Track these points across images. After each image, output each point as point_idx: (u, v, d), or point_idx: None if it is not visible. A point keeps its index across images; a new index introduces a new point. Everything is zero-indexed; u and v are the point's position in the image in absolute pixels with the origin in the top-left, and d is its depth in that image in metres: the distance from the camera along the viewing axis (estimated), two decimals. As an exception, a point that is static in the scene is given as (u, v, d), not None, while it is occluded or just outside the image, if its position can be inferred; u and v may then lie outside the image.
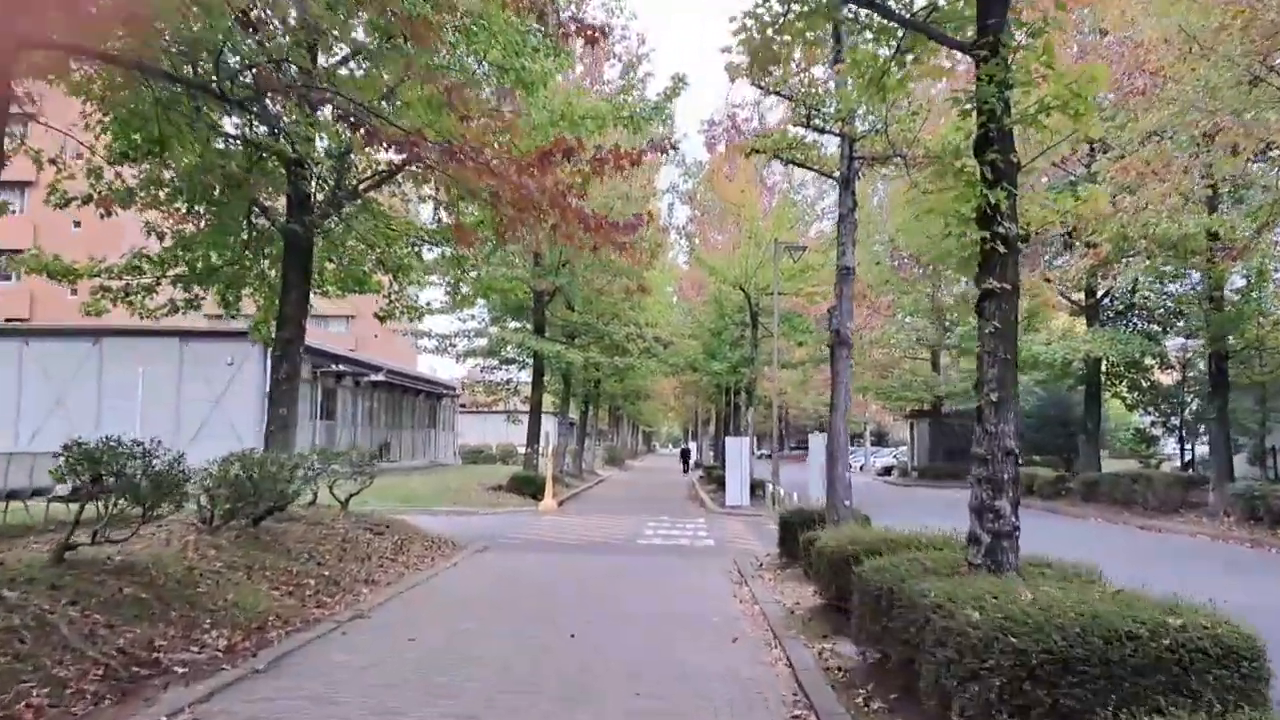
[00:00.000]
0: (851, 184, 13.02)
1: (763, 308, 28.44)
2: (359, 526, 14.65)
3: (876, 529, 11.39)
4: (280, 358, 13.94)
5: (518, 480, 26.57)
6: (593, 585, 12.10)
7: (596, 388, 38.93)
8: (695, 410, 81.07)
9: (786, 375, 49.19)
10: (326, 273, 17.05)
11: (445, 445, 49.49)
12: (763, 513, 24.76)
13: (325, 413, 32.06)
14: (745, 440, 26.06)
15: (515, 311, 28.44)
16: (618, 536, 18.54)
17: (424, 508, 23.50)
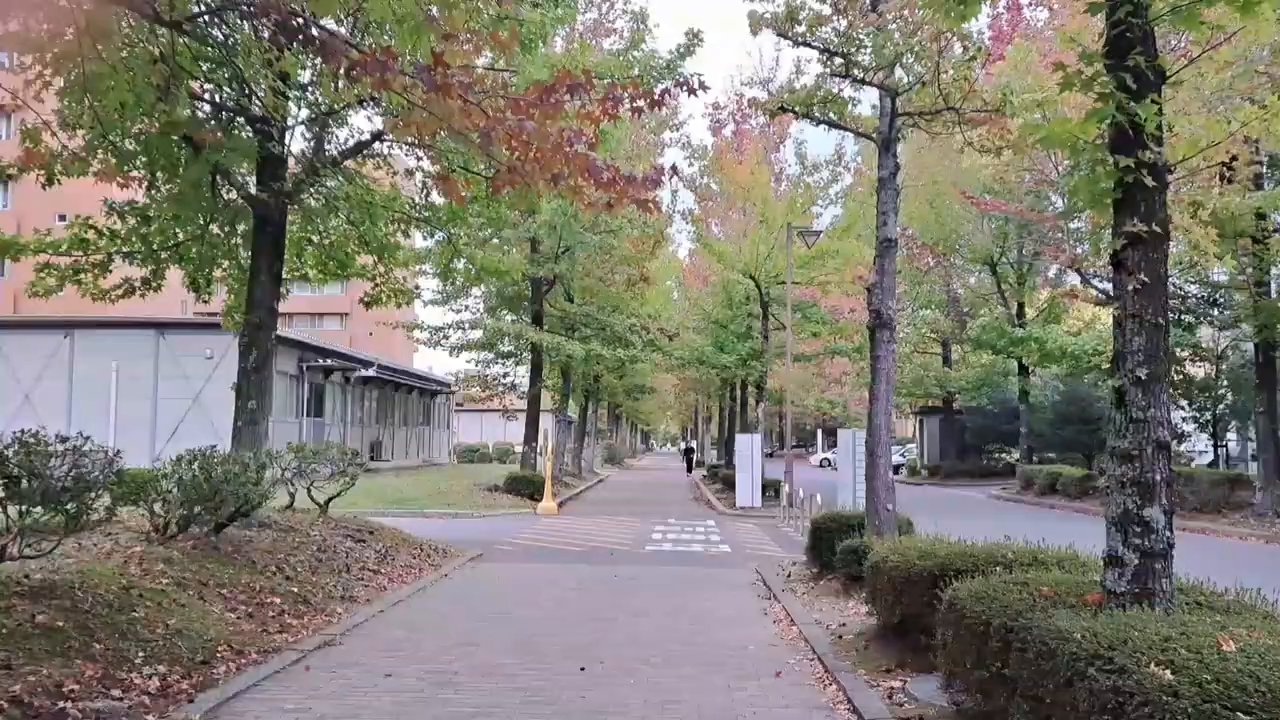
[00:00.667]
0: (893, 145, 11.55)
1: (773, 297, 26.94)
2: (339, 533, 13.14)
3: (924, 538, 9.92)
4: (249, 345, 12.43)
5: (515, 480, 25.07)
6: (601, 603, 10.60)
7: (596, 383, 37.41)
8: (695, 408, 79.66)
9: (794, 370, 47.96)
10: (306, 255, 15.56)
11: (440, 444, 47.97)
12: (776, 514, 23.29)
13: (313, 410, 30.53)
14: (756, 438, 24.59)
15: (511, 303, 26.94)
16: (624, 542, 17.05)
17: (415, 510, 22.01)
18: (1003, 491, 33.57)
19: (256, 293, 12.47)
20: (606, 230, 24.45)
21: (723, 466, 38.00)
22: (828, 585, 11.14)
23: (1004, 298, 34.74)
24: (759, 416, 26.21)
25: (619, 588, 11.73)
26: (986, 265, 34.34)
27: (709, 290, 30.46)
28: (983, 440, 44.75)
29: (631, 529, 19.39)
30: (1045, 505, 28.37)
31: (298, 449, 14.65)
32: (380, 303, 15.56)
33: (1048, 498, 29.60)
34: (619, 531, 18.85)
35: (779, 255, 25.55)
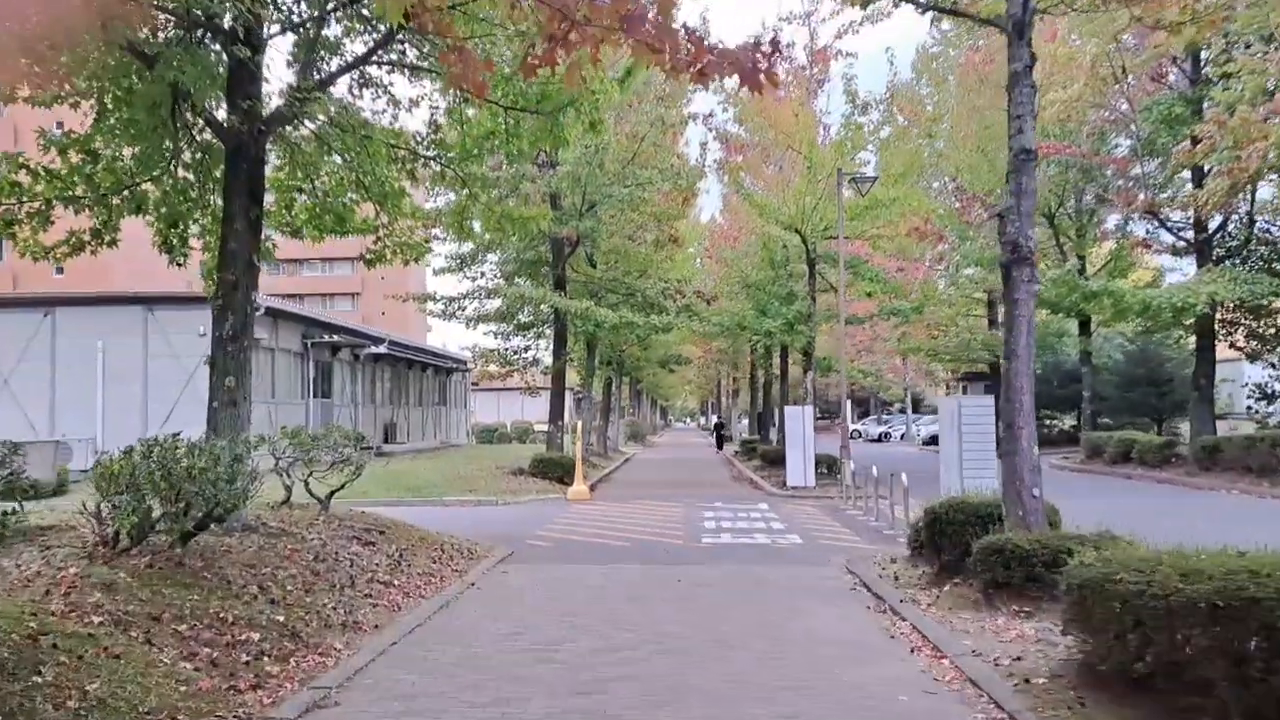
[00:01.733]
0: (1027, 31, 9.09)
1: (819, 254, 24.43)
2: (343, 535, 10.87)
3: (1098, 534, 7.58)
4: (223, 309, 10.12)
5: (542, 463, 22.79)
6: (670, 624, 8.28)
7: (620, 357, 34.90)
8: (718, 381, 77.16)
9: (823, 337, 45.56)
10: (297, 207, 13.21)
11: (457, 424, 45.81)
12: (833, 495, 20.96)
13: (321, 390, 28.32)
14: (807, 410, 22.19)
15: (532, 268, 24.55)
16: (673, 531, 14.75)
17: (433, 498, 19.83)
18: (1065, 461, 31.10)
19: (231, 243, 10.14)
20: (635, 183, 22.00)
21: (759, 441, 35.69)
22: (957, 593, 8.79)
23: (1062, 251, 32.11)
24: (807, 386, 23.77)
25: (685, 598, 9.42)
26: (1044, 217, 31.67)
27: (745, 250, 27.93)
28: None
29: (677, 516, 17.09)
30: (1120, 475, 25.93)
31: (294, 434, 12.39)
32: (384, 260, 13.23)
33: (1120, 467, 27.12)
34: (664, 519, 16.54)
35: (827, 206, 23.05)
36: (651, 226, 24.68)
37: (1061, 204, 31.45)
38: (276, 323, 25.06)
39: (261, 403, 23.95)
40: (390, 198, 12.53)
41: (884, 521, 15.56)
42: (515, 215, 12.54)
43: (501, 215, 12.58)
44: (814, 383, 23.86)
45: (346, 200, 13.01)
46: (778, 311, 23.94)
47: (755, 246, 28.37)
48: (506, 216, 12.55)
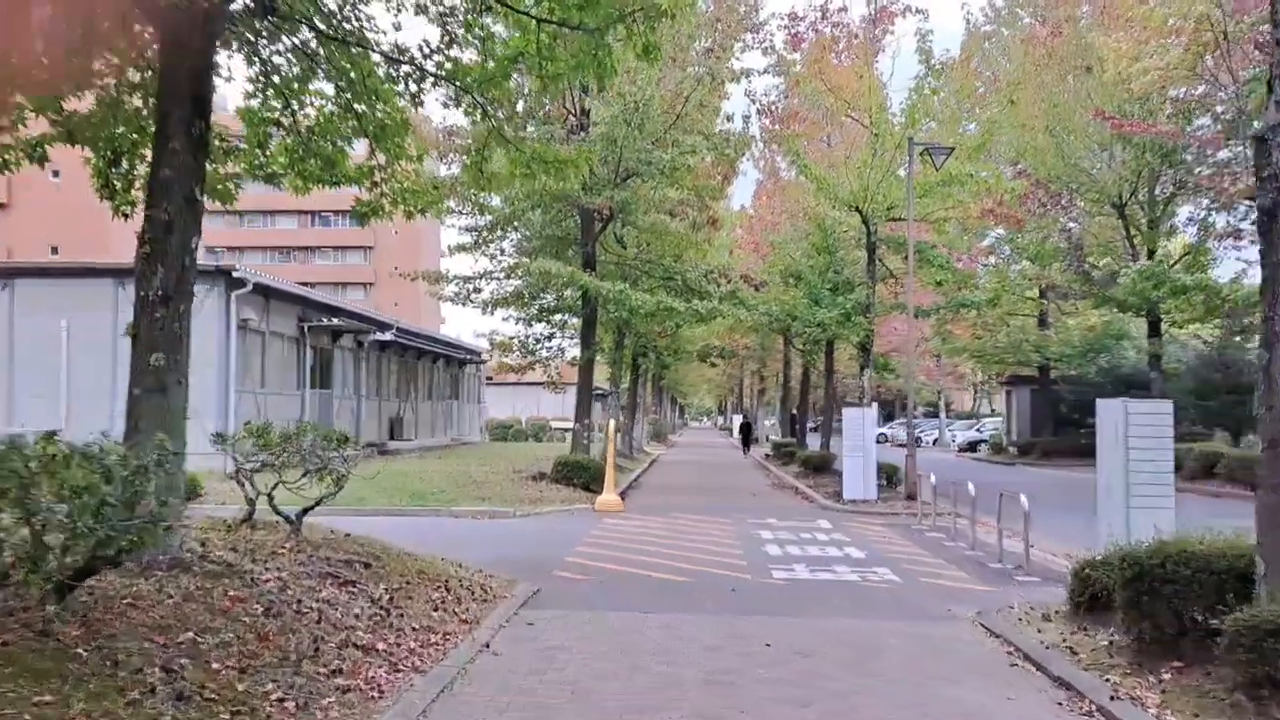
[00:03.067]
0: None
1: (880, 237, 21.60)
2: (313, 570, 8.16)
3: None
4: (150, 260, 7.43)
5: (566, 467, 20.03)
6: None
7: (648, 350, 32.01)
8: (740, 378, 74.20)
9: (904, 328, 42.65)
10: (275, 146, 10.49)
11: (470, 420, 43.12)
12: (898, 509, 18.22)
13: (319, 380, 25.64)
14: (869, 412, 19.40)
15: (558, 245, 21.78)
16: (732, 558, 12.00)
17: (440, 507, 17.15)
18: (1132, 474, 28.18)
19: (164, 169, 7.48)
20: (679, 150, 19.21)
21: (795, 445, 32.89)
22: (1193, 686, 6.00)
23: (1132, 244, 29.20)
24: (864, 386, 20.96)
25: (789, 680, 6.66)
26: (1113, 206, 28.77)
27: (791, 235, 25.09)
28: (1082, 414, 39.26)
29: (729, 536, 14.34)
30: (1206, 493, 23.03)
31: (259, 432, 9.71)
32: (380, 214, 10.51)
33: (1202, 482, 24.21)
34: (716, 540, 13.78)
35: (891, 183, 20.26)
36: (694, 202, 21.89)
37: (1134, 193, 28.52)
38: (268, 302, 22.39)
39: (249, 393, 21.32)
40: (390, 133, 9.82)
41: (983, 551, 12.80)
42: (549, 157, 9.77)
43: (531, 156, 9.82)
44: (871, 382, 21.03)
45: (337, 141, 10.32)
46: (832, 301, 21.12)
47: (800, 232, 25.59)
48: (538, 158, 9.78)
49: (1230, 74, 21.76)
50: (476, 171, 10.20)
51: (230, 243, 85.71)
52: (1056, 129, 27.52)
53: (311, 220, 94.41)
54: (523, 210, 20.87)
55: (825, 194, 20.34)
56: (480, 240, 22.95)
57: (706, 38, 19.08)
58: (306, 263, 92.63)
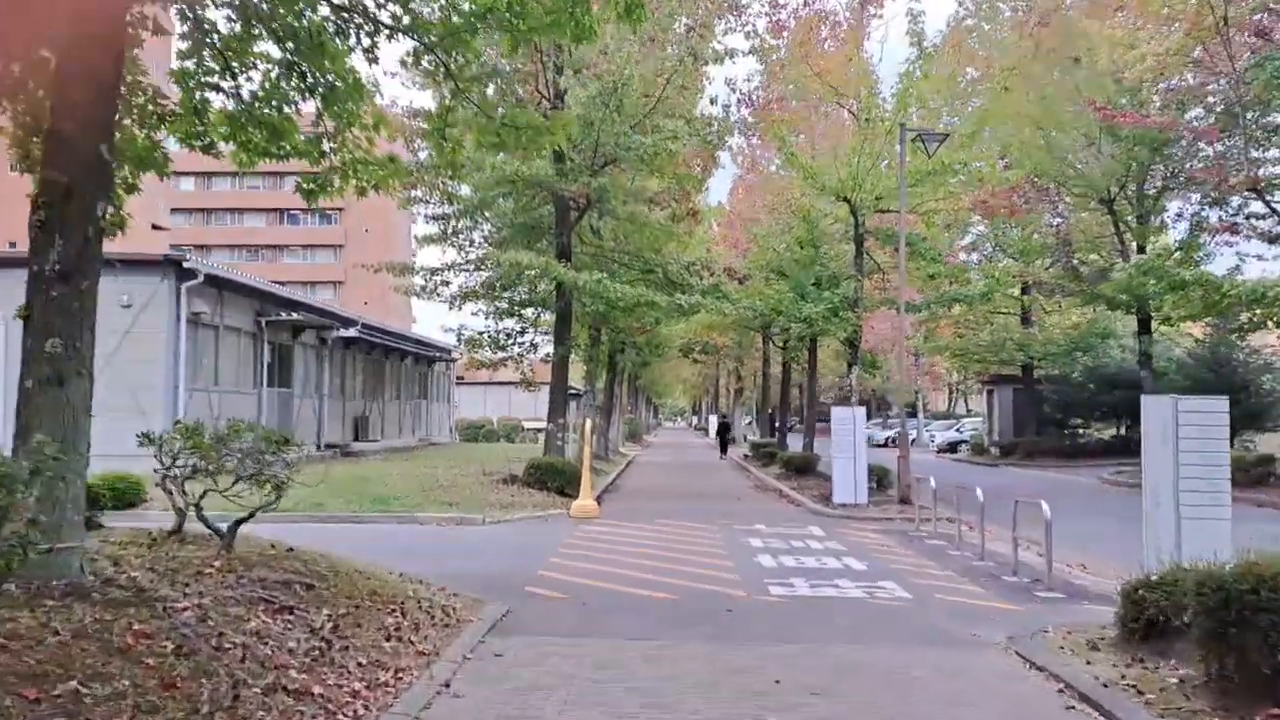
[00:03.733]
0: None
1: (869, 229, 20.62)
2: (243, 593, 6.98)
3: None
4: (45, 229, 6.24)
5: (539, 469, 18.86)
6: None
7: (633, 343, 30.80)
8: (716, 378, 73.17)
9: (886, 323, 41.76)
10: (214, 114, 9.29)
11: (439, 420, 41.79)
12: (892, 513, 17.25)
13: (278, 378, 24.30)
14: (859, 412, 18.40)
15: (530, 234, 20.60)
16: (722, 571, 10.91)
17: (405, 513, 15.99)
18: (1119, 476, 27.38)
19: (64, 122, 6.27)
20: (660, 135, 18.11)
21: (775, 445, 31.91)
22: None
23: (1121, 240, 28.47)
24: (851, 384, 19.97)
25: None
26: (1101, 202, 28.00)
27: (773, 229, 24.06)
28: (1065, 414, 38.64)
29: (717, 545, 13.27)
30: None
31: (190, 432, 8.51)
32: (329, 190, 9.33)
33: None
34: (703, 551, 12.70)
35: (881, 171, 19.28)
36: (675, 191, 20.83)
37: (1123, 187, 27.77)
38: (222, 295, 21.05)
39: (201, 391, 20.00)
40: (340, 95, 8.65)
41: (993, 561, 11.84)
42: (521, 121, 8.62)
43: (501, 122, 8.67)
44: (858, 380, 20.04)
45: (285, 104, 9.12)
46: (819, 296, 20.10)
47: (783, 225, 24.58)
48: (508, 124, 8.63)
49: (1230, 61, 20.96)
50: (439, 139, 9.02)
51: (197, 240, 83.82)
52: (1045, 120, 26.71)
53: (281, 218, 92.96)
54: (493, 198, 19.68)
55: (812, 183, 19.32)
56: (449, 230, 21.75)
57: (688, 15, 17.98)
58: (275, 261, 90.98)
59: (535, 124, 8.74)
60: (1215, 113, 25.15)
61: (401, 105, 19.56)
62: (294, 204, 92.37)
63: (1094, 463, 33.83)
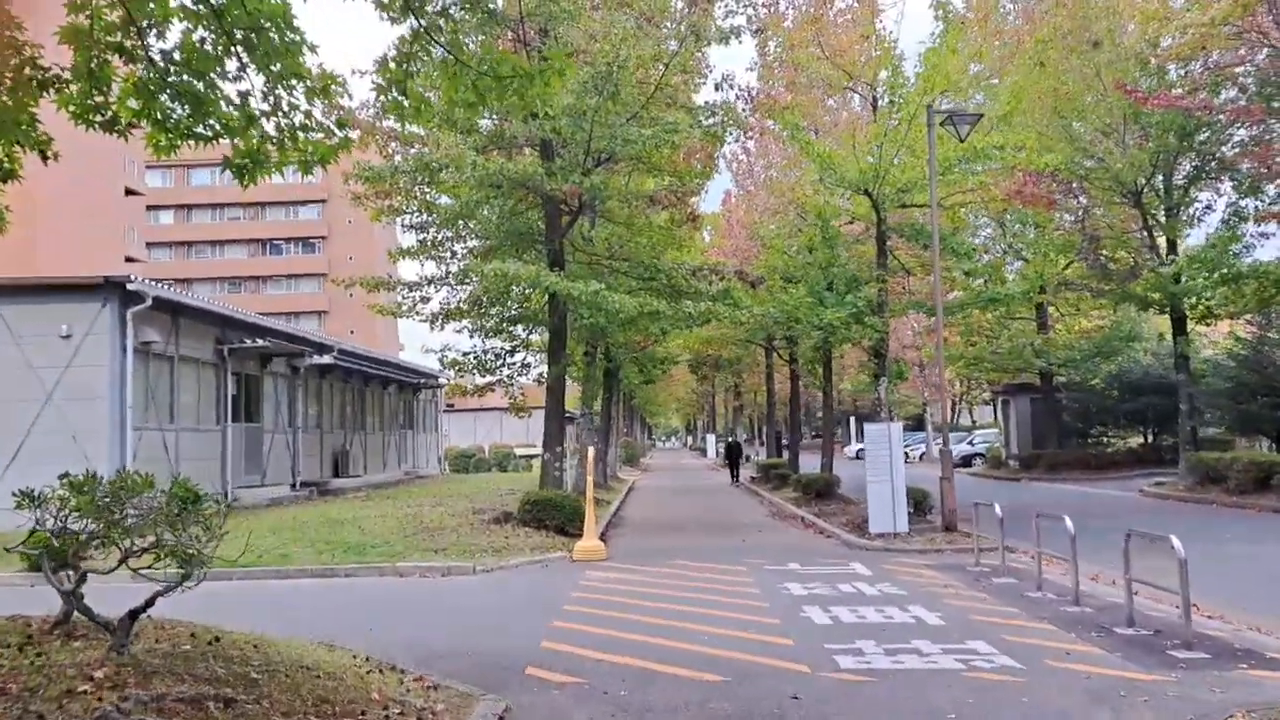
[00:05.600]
0: None
1: (891, 226, 18.67)
2: None
3: None
4: None
5: (535, 506, 16.69)
6: None
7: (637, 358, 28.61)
8: (712, 396, 71.01)
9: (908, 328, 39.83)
10: (123, 86, 7.21)
11: (426, 450, 39.57)
12: (939, 543, 15.22)
13: (245, 412, 22.12)
14: (895, 428, 16.38)
15: (519, 241, 18.53)
16: (769, 636, 8.80)
17: (383, 562, 13.89)
18: (1161, 488, 25.39)
19: None
20: (660, 127, 16.12)
21: (786, 465, 29.85)
22: None
23: (1150, 235, 26.62)
24: (880, 397, 17.97)
25: None
26: (1128, 195, 26.12)
27: (785, 229, 22.09)
28: (1088, 423, 36.73)
29: (751, 592, 11.18)
30: (1269, 509, 20.24)
31: (81, 486, 6.40)
32: (264, 166, 7.26)
33: (1255, 497, 21.37)
34: (736, 602, 10.60)
35: (907, 160, 17.35)
36: (676, 189, 18.86)
37: (1149, 180, 25.92)
38: (177, 321, 18.93)
39: (154, 429, 17.83)
40: (266, 39, 6.65)
41: (1090, 606, 9.82)
42: (504, 69, 6.59)
43: (479, 71, 6.64)
44: (887, 391, 18.03)
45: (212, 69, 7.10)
46: (839, 300, 18.10)
47: (791, 227, 22.65)
48: (490, 72, 6.60)
49: (1279, 29, 19.16)
50: (397, 96, 6.97)
51: (179, 274, 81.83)
52: (1063, 107, 24.89)
53: (263, 249, 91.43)
54: (476, 203, 17.63)
55: (830, 175, 17.35)
56: (431, 242, 19.71)
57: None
58: (259, 292, 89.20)
59: (522, 69, 6.71)
60: (1249, 94, 23.42)
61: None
62: (276, 234, 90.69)
63: (1123, 474, 31.89)
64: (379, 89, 6.91)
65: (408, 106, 7.21)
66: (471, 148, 16.01)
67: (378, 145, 18.53)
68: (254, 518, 17.91)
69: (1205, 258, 19.35)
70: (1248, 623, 9.06)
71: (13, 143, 7.22)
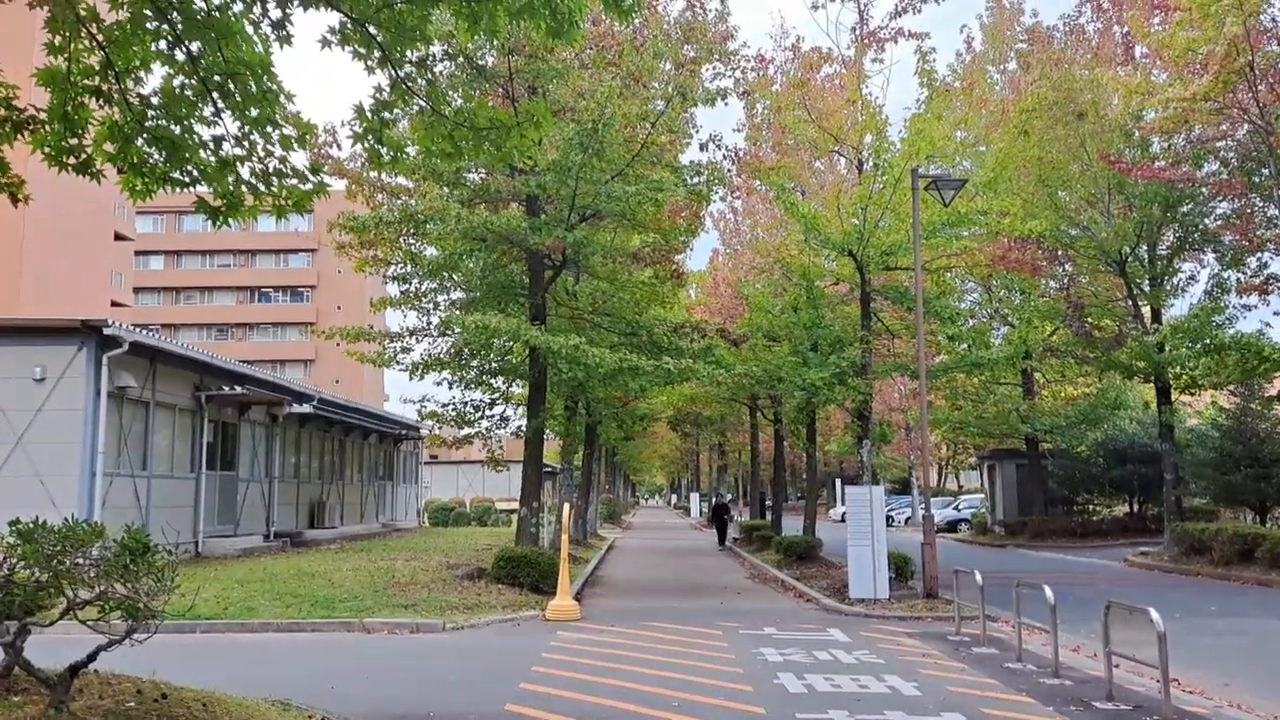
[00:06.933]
0: None
1: (875, 288, 18.71)
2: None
3: None
4: None
5: (509, 562, 16.39)
6: None
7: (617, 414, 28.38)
8: (696, 454, 70.69)
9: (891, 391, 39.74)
10: (99, 130, 7.18)
11: (405, 503, 39.10)
12: (920, 610, 14.98)
13: (221, 460, 21.80)
14: (877, 492, 16.22)
15: (501, 293, 18.47)
16: (740, 703, 8.56)
17: (350, 616, 13.58)
18: (1146, 558, 25.23)
19: None
20: (646, 185, 16.20)
21: (765, 527, 29.57)
22: None
23: (1135, 304, 26.78)
24: (864, 459, 17.84)
25: None
26: (1113, 264, 26.33)
27: (770, 289, 22.14)
28: (1074, 490, 36.58)
29: (725, 658, 10.91)
30: (1248, 581, 20.10)
31: (28, 533, 6.19)
32: (237, 211, 7.19)
33: (1239, 569, 21.22)
34: (708, 668, 10.33)
35: (891, 223, 17.45)
36: (661, 248, 18.92)
37: (1134, 249, 26.16)
38: (154, 366, 18.72)
39: (125, 476, 17.53)
40: (242, 82, 6.62)
41: (1070, 679, 9.63)
42: (482, 120, 6.55)
43: (456, 121, 6.61)
44: (870, 454, 17.90)
45: (183, 107, 7.06)
46: (823, 361, 18.05)
47: (775, 287, 22.70)
48: (467, 123, 6.57)
49: (1259, 107, 19.47)
50: (374, 144, 6.92)
51: (166, 320, 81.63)
52: (1050, 177, 25.20)
53: (251, 296, 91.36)
54: (459, 255, 17.61)
55: (815, 236, 17.42)
56: (414, 293, 19.65)
57: (672, 60, 16.22)
58: (246, 339, 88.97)
59: (500, 120, 6.66)
60: (1230, 167, 23.78)
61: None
62: (265, 282, 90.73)
63: (1108, 542, 31.73)
64: (356, 136, 6.86)
65: (385, 155, 7.17)
66: (457, 200, 16.06)
67: (365, 196, 18.56)
68: (224, 569, 17.54)
69: (1188, 328, 19.45)
70: (1228, 699, 8.87)
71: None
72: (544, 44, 14.49)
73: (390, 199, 18.60)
